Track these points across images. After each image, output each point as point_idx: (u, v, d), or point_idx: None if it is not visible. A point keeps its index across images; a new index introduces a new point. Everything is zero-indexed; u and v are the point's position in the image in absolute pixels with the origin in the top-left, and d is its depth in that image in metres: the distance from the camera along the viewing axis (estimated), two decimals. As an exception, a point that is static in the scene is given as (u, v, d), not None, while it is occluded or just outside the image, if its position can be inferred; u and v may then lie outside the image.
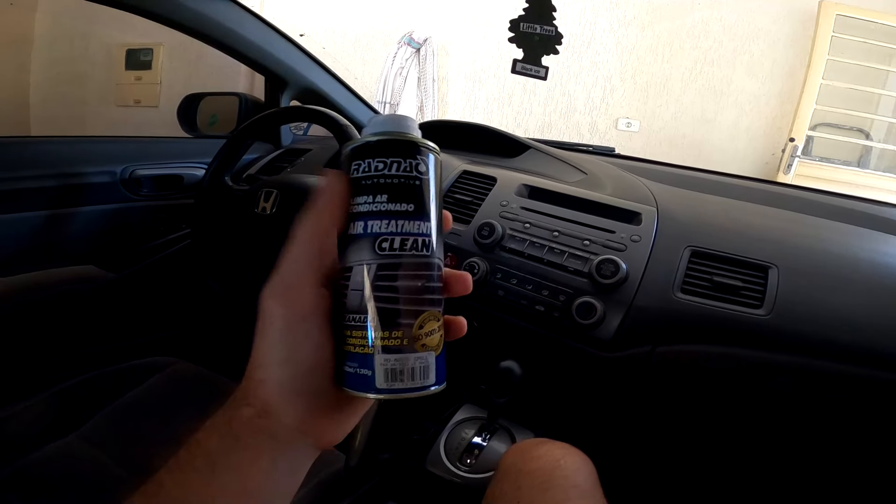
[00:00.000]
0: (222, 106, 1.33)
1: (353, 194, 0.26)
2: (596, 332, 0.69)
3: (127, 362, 0.87)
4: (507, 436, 0.83)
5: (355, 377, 0.25)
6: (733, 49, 2.94)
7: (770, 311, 0.64)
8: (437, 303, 0.26)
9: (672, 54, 3.05)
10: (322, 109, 0.79)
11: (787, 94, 2.97)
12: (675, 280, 0.69)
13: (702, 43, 2.98)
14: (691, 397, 0.73)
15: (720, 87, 3.01)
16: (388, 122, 0.27)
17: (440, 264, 0.27)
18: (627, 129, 3.20)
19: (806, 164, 3.09)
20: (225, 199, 0.84)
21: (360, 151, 0.26)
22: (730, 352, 0.65)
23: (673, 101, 3.10)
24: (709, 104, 3.05)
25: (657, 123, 3.16)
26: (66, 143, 1.01)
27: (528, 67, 0.85)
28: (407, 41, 3.22)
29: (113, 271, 1.03)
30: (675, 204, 0.81)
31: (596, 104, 3.24)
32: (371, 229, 0.25)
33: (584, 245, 0.74)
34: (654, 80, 3.10)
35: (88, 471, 0.68)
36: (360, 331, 0.25)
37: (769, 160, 3.14)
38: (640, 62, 3.10)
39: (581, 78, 3.20)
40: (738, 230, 0.76)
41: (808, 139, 3.12)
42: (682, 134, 3.13)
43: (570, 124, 3.30)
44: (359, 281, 0.25)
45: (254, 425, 0.25)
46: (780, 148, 3.10)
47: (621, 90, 3.18)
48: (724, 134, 3.09)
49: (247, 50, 1.09)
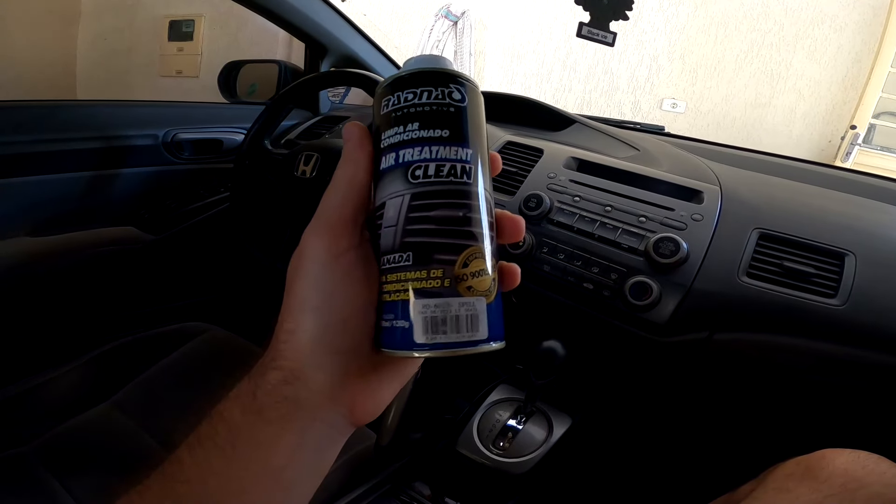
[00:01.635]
0: (262, 73, 1.31)
1: (384, 129, 0.23)
2: (649, 315, 0.65)
3: (163, 327, 0.87)
4: (545, 419, 0.80)
5: (392, 332, 0.22)
6: (795, 33, 2.79)
7: (845, 301, 0.59)
8: (486, 239, 0.22)
9: (726, 36, 2.91)
10: (362, 72, 0.76)
11: (852, 80, 2.81)
12: (741, 263, 0.64)
13: (760, 25, 2.83)
14: (748, 388, 0.68)
15: (777, 70, 2.87)
16: (420, 59, 0.24)
17: (488, 197, 0.23)
18: (673, 109, 3.07)
19: (866, 152, 2.95)
20: (264, 162, 0.82)
21: (390, 87, 0.24)
22: (797, 343, 0.60)
23: (724, 83, 2.96)
24: (763, 88, 2.90)
25: (705, 105, 3.02)
26: (110, 107, 1.02)
27: (594, 32, 0.79)
28: (445, 14, 3.15)
29: (152, 233, 1.03)
30: (740, 184, 0.75)
31: (640, 83, 3.12)
32: (403, 158, 0.22)
33: (639, 221, 0.69)
34: (705, 62, 2.97)
35: (120, 441, 0.68)
36: (396, 273, 0.22)
37: (825, 147, 2.99)
38: (690, 42, 2.96)
39: (626, 56, 3.08)
40: (810, 214, 0.71)
41: (869, 127, 2.95)
42: (731, 117, 2.99)
43: (611, 103, 3.19)
44: (392, 216, 0.22)
45: (279, 393, 0.22)
46: (838, 135, 2.95)
47: (668, 70, 3.04)
48: (779, 118, 2.95)
49: (288, 15, 1.06)
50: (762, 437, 0.74)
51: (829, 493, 0.42)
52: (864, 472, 0.43)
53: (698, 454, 0.84)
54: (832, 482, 0.43)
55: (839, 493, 0.42)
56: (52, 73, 2.41)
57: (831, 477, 0.43)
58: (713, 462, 0.81)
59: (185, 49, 2.64)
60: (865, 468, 0.44)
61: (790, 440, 0.68)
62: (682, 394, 0.77)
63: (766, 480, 0.48)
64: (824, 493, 0.42)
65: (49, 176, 0.90)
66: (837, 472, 0.44)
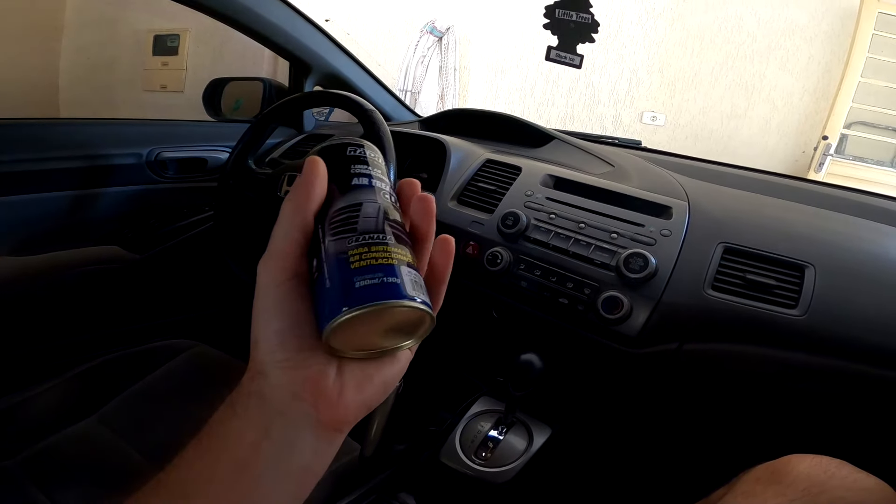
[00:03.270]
0: (247, 91, 1.33)
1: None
2: (621, 328, 0.67)
3: (147, 344, 0.87)
4: (525, 430, 0.82)
5: (381, 287, 0.25)
6: (767, 44, 2.86)
7: (805, 311, 0.62)
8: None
9: (702, 48, 2.98)
10: (347, 94, 0.78)
11: (823, 90, 2.88)
12: (707, 277, 0.67)
13: (734, 37, 2.90)
14: (718, 396, 0.71)
15: (752, 82, 2.94)
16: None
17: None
18: (653, 122, 3.13)
19: (838, 162, 3.01)
20: (248, 182, 0.84)
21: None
22: (761, 352, 0.62)
23: (701, 95, 3.02)
24: (739, 99, 2.97)
25: (684, 118, 3.09)
26: (93, 125, 1.03)
27: (562, 55, 0.83)
28: (429, 29, 3.20)
29: (136, 252, 1.04)
30: (707, 199, 0.78)
31: (620, 97, 3.18)
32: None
33: (611, 238, 0.72)
34: (683, 74, 3.03)
35: (105, 456, 0.68)
36: (381, 246, 0.26)
37: (799, 158, 3.06)
38: (668, 55, 3.03)
39: (606, 70, 3.14)
40: (772, 227, 0.73)
41: (841, 137, 3.02)
42: (709, 129, 3.06)
43: (593, 116, 3.25)
44: (371, 212, 0.27)
45: (246, 389, 0.25)
46: (811, 146, 3.02)
47: (647, 83, 3.11)
48: (754, 129, 3.02)
49: (272, 34, 1.08)
50: (733, 443, 0.76)
51: (794, 498, 0.44)
52: (826, 476, 0.45)
53: (673, 461, 0.85)
54: (796, 486, 0.45)
55: (802, 498, 0.44)
56: (34, 89, 2.39)
57: (795, 482, 0.45)
58: (688, 469, 0.82)
59: (170, 64, 2.64)
60: (827, 472, 0.46)
61: (760, 446, 0.70)
62: (655, 403, 0.79)
63: (736, 485, 0.50)
64: (789, 497, 0.44)
65: (31, 195, 0.90)
66: (801, 476, 0.46)
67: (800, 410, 0.66)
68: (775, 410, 0.68)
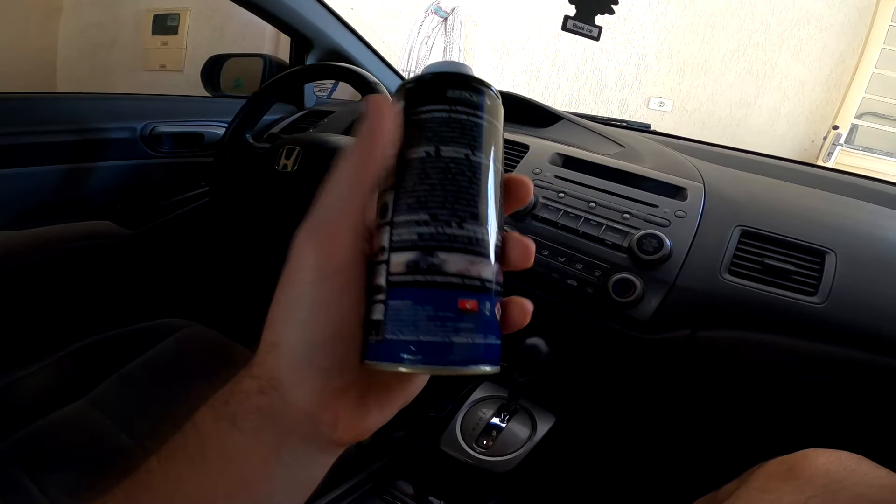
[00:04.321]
0: (247, 68, 1.29)
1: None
2: (633, 312, 0.64)
3: (139, 323, 0.85)
4: (528, 418, 0.80)
5: (473, 348, 0.20)
6: (781, 33, 2.81)
7: (825, 299, 0.59)
8: None
9: (714, 35, 2.93)
10: (349, 66, 0.74)
11: (836, 80, 2.84)
12: (723, 261, 0.64)
13: (747, 25, 2.85)
14: (730, 384, 0.68)
15: (763, 70, 2.89)
16: (442, 63, 0.23)
17: None
18: (660, 108, 3.09)
19: (847, 152, 2.98)
20: (245, 156, 0.80)
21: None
22: (778, 340, 0.60)
23: (710, 82, 2.98)
24: (749, 87, 2.93)
25: (691, 104, 3.04)
26: (87, 99, 1.00)
27: (579, 25, 0.78)
28: (434, 10, 3.13)
29: (129, 228, 1.01)
30: (724, 182, 0.75)
31: (628, 82, 3.13)
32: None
33: (623, 218, 0.69)
34: (692, 61, 2.98)
35: (95, 439, 0.66)
36: (486, 281, 0.21)
37: (808, 147, 3.03)
38: (678, 41, 2.98)
39: (614, 54, 3.09)
40: (792, 212, 0.71)
41: (851, 128, 2.99)
42: (717, 116, 3.02)
43: (599, 100, 3.20)
44: (486, 215, 0.22)
45: (252, 403, 0.20)
46: (821, 135, 2.99)
47: (656, 69, 3.06)
48: (763, 118, 2.98)
49: (273, 8, 1.04)
50: (745, 435, 0.74)
51: (812, 494, 0.42)
52: (846, 472, 0.43)
53: (682, 452, 0.84)
54: (814, 483, 0.43)
55: (822, 495, 0.42)
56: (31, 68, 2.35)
57: (814, 478, 0.43)
58: (697, 460, 0.81)
59: (170, 43, 2.60)
60: (847, 469, 0.44)
61: (773, 439, 0.68)
62: (665, 391, 0.77)
63: (749, 480, 0.48)
64: (807, 493, 0.42)
65: (21, 169, 0.88)
66: (820, 472, 0.43)
67: (815, 401, 0.64)
68: (789, 401, 0.66)
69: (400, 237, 0.20)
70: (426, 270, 0.20)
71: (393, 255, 0.20)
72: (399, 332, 0.20)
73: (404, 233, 0.20)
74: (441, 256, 0.20)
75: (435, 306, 0.20)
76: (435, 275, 0.20)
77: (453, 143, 0.21)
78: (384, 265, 0.21)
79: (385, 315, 0.20)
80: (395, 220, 0.21)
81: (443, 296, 0.20)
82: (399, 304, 0.20)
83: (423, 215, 0.20)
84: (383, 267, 0.21)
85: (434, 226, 0.20)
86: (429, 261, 0.20)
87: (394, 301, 0.20)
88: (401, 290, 0.20)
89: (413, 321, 0.20)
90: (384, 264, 0.21)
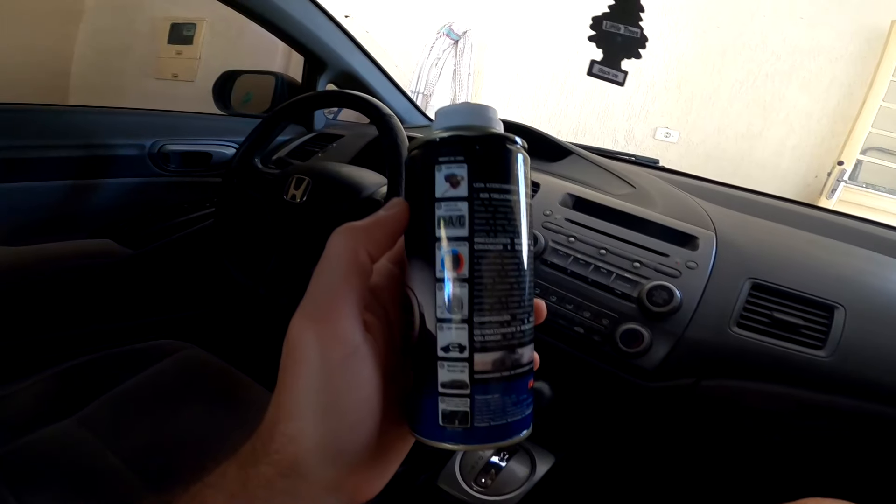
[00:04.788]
0: (257, 84, 1.30)
1: None
2: (639, 361, 0.64)
3: (135, 343, 0.84)
4: (528, 457, 0.79)
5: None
6: (791, 64, 2.81)
7: (832, 353, 0.60)
8: None
9: (724, 65, 2.93)
10: (365, 96, 0.74)
11: (842, 114, 2.84)
12: (733, 313, 0.64)
13: (757, 55, 2.85)
14: (730, 430, 0.68)
15: (771, 102, 2.89)
16: (466, 113, 0.23)
17: None
18: (666, 139, 3.09)
19: (851, 189, 2.96)
20: (253, 181, 0.80)
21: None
22: (782, 390, 0.60)
23: (718, 113, 2.98)
24: (756, 119, 2.93)
25: (698, 136, 3.05)
26: (96, 113, 1.00)
27: (605, 70, 0.79)
28: (446, 32, 3.16)
29: (131, 247, 1.00)
30: (735, 229, 0.75)
31: (635, 111, 3.14)
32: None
33: (633, 267, 0.68)
34: (701, 91, 2.99)
35: (82, 459, 0.64)
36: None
37: (811, 182, 3.02)
38: (688, 71, 2.98)
39: (623, 83, 3.10)
40: (802, 263, 0.71)
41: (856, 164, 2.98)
42: (722, 148, 3.01)
43: (605, 129, 3.21)
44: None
45: (277, 487, 0.20)
46: (825, 170, 2.98)
47: (664, 98, 3.07)
48: (768, 151, 2.97)
49: (290, 28, 1.05)
50: (744, 482, 0.73)
51: None
52: None
53: (680, 497, 0.82)
54: None
55: None
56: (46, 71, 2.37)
57: None
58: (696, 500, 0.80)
59: (184, 53, 2.61)
60: None
61: (771, 486, 0.68)
62: (664, 435, 0.76)
63: None
64: None
65: (24, 184, 0.87)
66: None
67: (816, 450, 0.64)
68: (790, 448, 0.65)
69: (484, 338, 0.21)
70: (511, 366, 0.21)
71: (477, 355, 0.21)
72: (490, 420, 0.21)
73: (489, 334, 0.21)
74: (519, 351, 0.22)
75: (518, 393, 0.22)
76: (517, 368, 0.22)
77: (523, 231, 0.22)
78: (465, 363, 0.21)
79: (472, 407, 0.21)
80: (477, 321, 0.21)
81: (522, 383, 0.22)
82: (488, 398, 0.21)
83: (506, 315, 0.21)
84: (463, 365, 0.21)
85: (514, 325, 0.21)
86: (512, 358, 0.21)
87: (481, 396, 0.21)
88: (488, 386, 0.21)
89: (502, 409, 0.21)
90: (465, 362, 0.21)
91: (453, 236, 0.21)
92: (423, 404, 0.22)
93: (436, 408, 0.21)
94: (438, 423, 0.21)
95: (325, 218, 0.70)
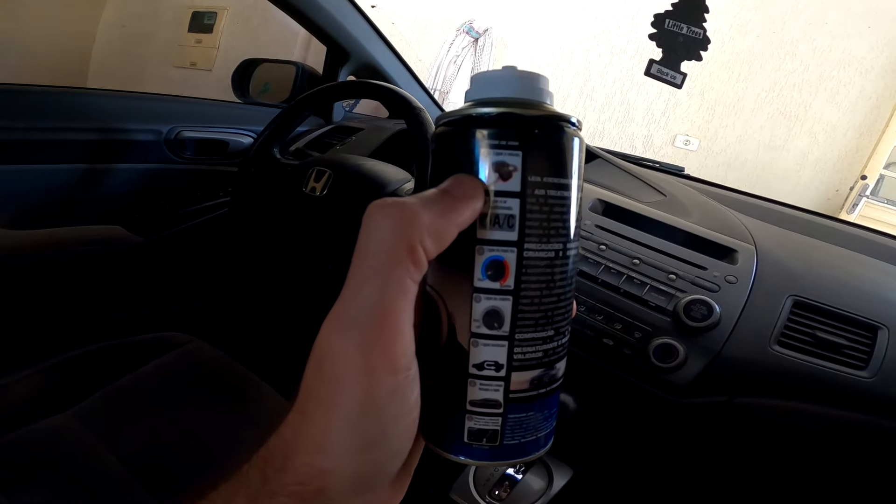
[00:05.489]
0: (277, 74, 1.28)
1: None
2: (671, 377, 0.60)
3: (139, 334, 0.81)
4: (545, 470, 0.76)
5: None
6: (819, 74, 2.75)
7: (875, 373, 0.58)
8: None
9: (750, 73, 2.87)
10: (395, 88, 0.71)
11: (868, 127, 2.77)
12: (774, 332, 0.60)
13: (785, 65, 2.80)
14: (764, 450, 0.65)
15: (796, 112, 2.83)
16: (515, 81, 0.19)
17: None
18: (685, 146, 3.04)
19: (872, 205, 2.90)
20: (271, 172, 0.77)
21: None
22: (820, 410, 0.58)
23: (741, 122, 2.93)
24: (779, 130, 2.87)
25: (718, 144, 2.99)
26: (114, 97, 0.98)
27: (664, 71, 0.74)
28: (466, 29, 3.13)
29: (141, 234, 0.97)
30: (775, 244, 0.72)
31: (655, 117, 3.09)
32: None
33: (669, 279, 0.64)
34: (724, 99, 2.94)
35: (76, 455, 0.62)
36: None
37: (832, 196, 2.96)
38: (712, 78, 2.93)
39: (644, 88, 3.06)
40: (844, 281, 0.68)
41: (878, 178, 2.92)
42: (743, 158, 2.96)
43: (623, 135, 3.16)
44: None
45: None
46: (846, 184, 2.92)
47: (686, 105, 3.02)
48: (790, 163, 2.92)
49: (316, 16, 1.02)
50: (773, 501, 0.71)
51: None
52: None
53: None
54: None
55: None
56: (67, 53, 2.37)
57: None
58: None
59: (204, 41, 2.61)
60: None
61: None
62: (690, 451, 0.73)
63: None
64: None
65: (38, 166, 0.85)
66: None
67: (853, 471, 0.61)
68: (825, 468, 0.63)
69: (524, 356, 0.18)
70: (548, 383, 0.19)
71: (515, 374, 0.18)
72: (520, 437, 0.19)
73: (530, 352, 0.18)
74: (557, 366, 0.20)
75: (550, 408, 0.20)
76: (553, 383, 0.20)
77: (575, 232, 0.19)
78: (500, 382, 0.18)
79: (503, 426, 0.19)
80: (519, 338, 0.18)
81: (555, 398, 0.20)
82: (521, 416, 0.19)
83: (550, 331, 0.19)
84: (499, 384, 0.18)
85: (556, 340, 0.19)
86: (550, 374, 0.19)
87: (515, 415, 0.19)
88: (523, 405, 0.19)
89: (534, 426, 0.19)
90: (500, 381, 0.18)
91: (499, 239, 0.17)
92: (446, 419, 0.19)
93: (462, 425, 0.19)
94: (463, 440, 0.19)
95: (345, 212, 0.67)
